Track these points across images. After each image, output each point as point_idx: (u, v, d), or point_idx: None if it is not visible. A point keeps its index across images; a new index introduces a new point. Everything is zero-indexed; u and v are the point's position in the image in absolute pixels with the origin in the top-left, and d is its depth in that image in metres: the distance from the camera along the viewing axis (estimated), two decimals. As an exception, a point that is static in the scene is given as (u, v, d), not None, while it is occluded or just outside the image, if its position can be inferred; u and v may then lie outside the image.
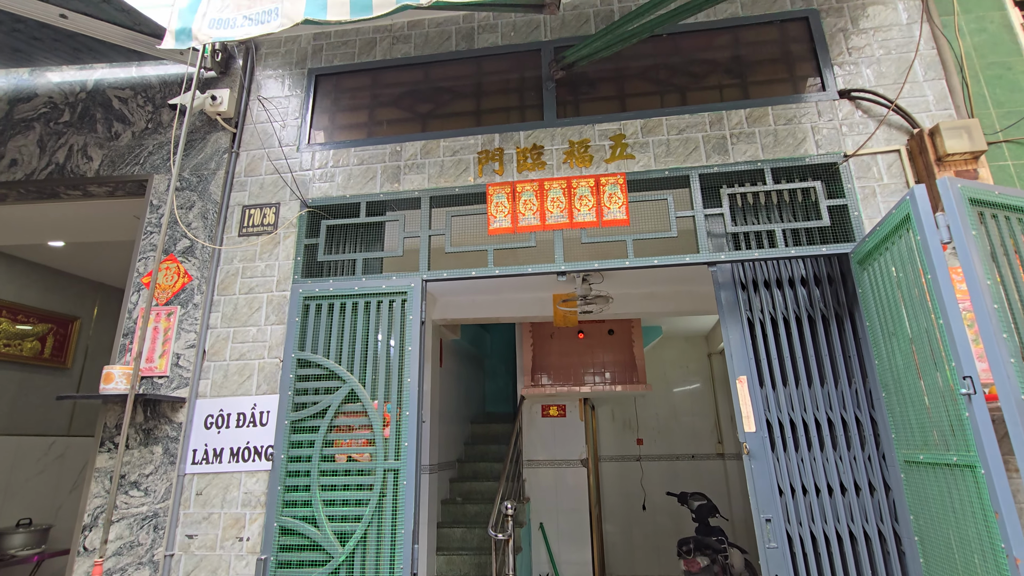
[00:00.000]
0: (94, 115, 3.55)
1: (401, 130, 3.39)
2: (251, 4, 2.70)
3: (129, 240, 4.28)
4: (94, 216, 3.98)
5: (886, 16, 3.07)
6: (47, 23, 2.89)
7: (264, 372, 2.94)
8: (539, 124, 3.20)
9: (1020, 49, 2.94)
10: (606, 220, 2.94)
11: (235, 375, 2.96)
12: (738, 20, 3.22)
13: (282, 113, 3.47)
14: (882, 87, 2.92)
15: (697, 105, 3.09)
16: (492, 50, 3.45)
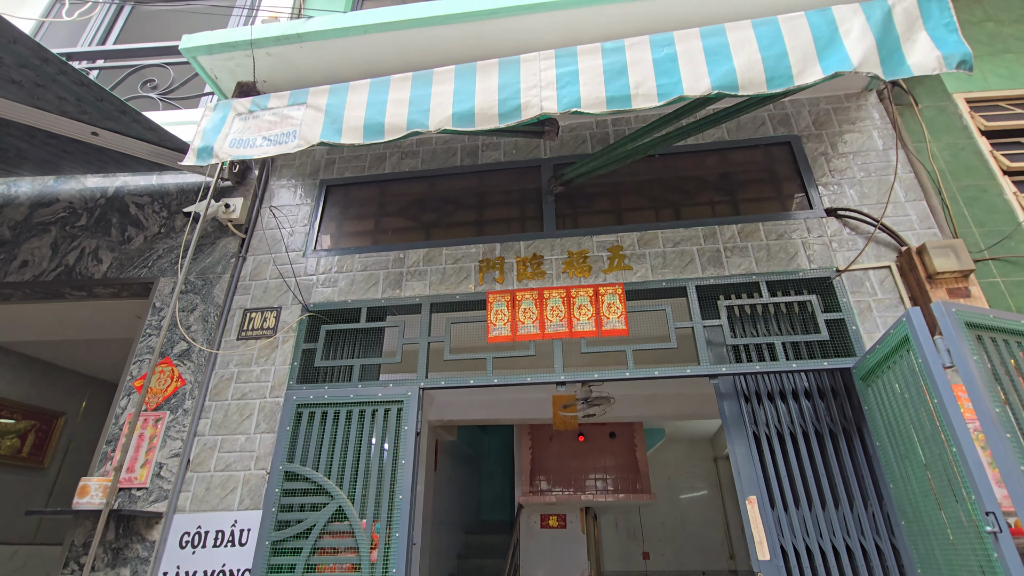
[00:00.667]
0: (110, 220, 3.68)
1: (405, 238, 3.51)
2: (271, 126, 2.90)
3: (127, 338, 4.27)
4: (95, 315, 4.00)
5: (863, 142, 3.29)
6: (78, 139, 3.09)
7: (249, 485, 2.79)
8: (539, 235, 3.31)
9: (992, 173, 3.12)
10: (605, 330, 2.95)
11: (218, 488, 2.81)
12: (725, 143, 3.45)
13: (291, 220, 3.60)
14: (866, 206, 3.06)
15: (691, 220, 3.22)
16: (495, 165, 3.66)
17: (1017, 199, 3.03)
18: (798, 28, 2.49)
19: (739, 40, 2.53)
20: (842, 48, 2.38)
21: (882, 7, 2.45)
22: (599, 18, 2.97)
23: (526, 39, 3.07)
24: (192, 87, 4.43)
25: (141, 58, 4.64)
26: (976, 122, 3.28)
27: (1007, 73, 3.46)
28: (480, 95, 2.68)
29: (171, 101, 4.37)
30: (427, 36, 3.07)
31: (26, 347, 4.92)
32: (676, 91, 2.45)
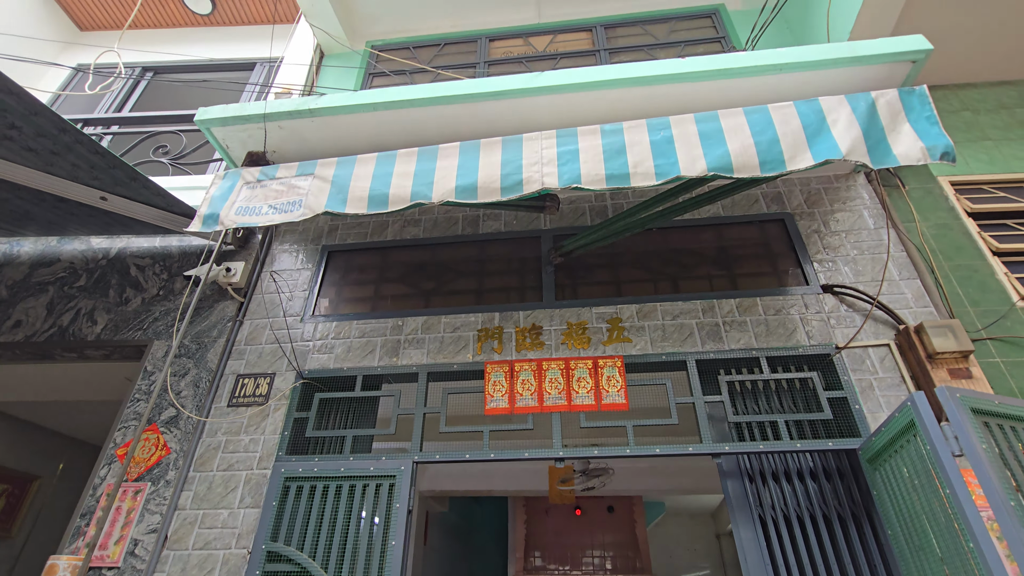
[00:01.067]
0: (109, 281, 3.68)
1: (404, 305, 3.51)
2: (277, 195, 2.96)
3: (113, 400, 4.17)
4: (82, 376, 3.92)
5: (854, 221, 3.37)
6: (87, 203, 3.14)
7: (228, 566, 2.63)
8: (538, 305, 3.32)
9: (982, 253, 3.19)
10: (605, 404, 2.90)
11: (195, 569, 2.64)
12: (721, 219, 3.54)
13: (291, 285, 3.61)
14: (862, 284, 3.10)
15: (689, 293, 3.24)
16: (495, 235, 3.72)
17: (1009, 279, 3.08)
18: (788, 116, 2.61)
19: (732, 126, 2.65)
20: (830, 136, 2.49)
21: (866, 99, 2.58)
22: (598, 102, 3.12)
23: (528, 118, 3.21)
24: (203, 153, 4.57)
25: (155, 125, 4.81)
26: (962, 204, 3.39)
27: (987, 159, 3.61)
28: (483, 169, 2.77)
29: (181, 166, 4.50)
30: (433, 114, 3.20)
31: (3, 404, 4.78)
32: (673, 171, 2.54)
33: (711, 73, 2.96)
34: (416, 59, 5.02)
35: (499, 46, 5.04)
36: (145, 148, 4.72)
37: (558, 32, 5.05)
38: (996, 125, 3.77)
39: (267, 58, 5.81)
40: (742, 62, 2.95)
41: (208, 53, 6.12)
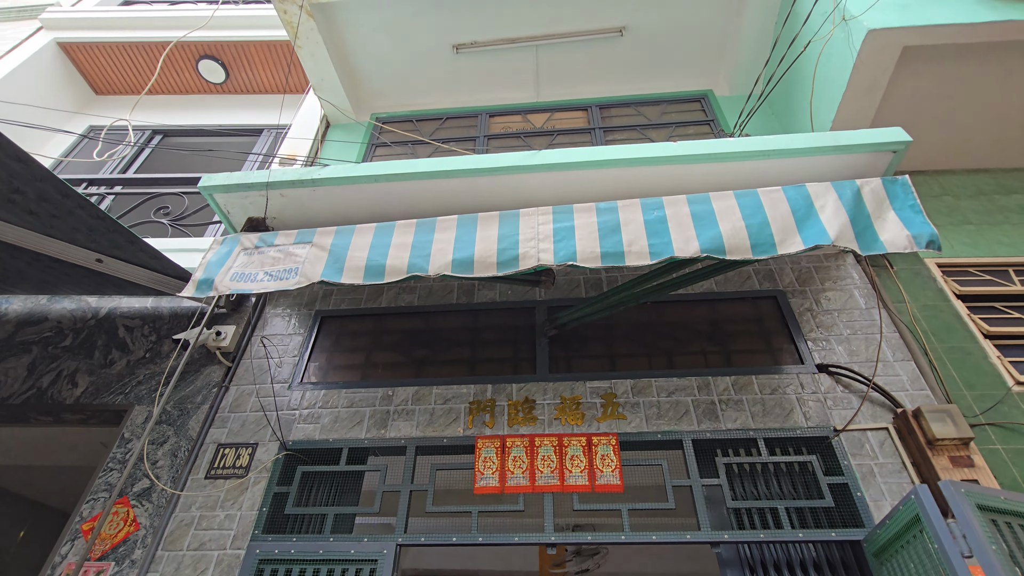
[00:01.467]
0: (96, 342, 3.61)
1: (396, 374, 3.44)
2: (274, 262, 2.97)
3: (85, 465, 3.99)
4: (56, 440, 3.76)
5: (845, 300, 3.41)
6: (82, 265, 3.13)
7: (189, 661, 2.42)
8: (532, 378, 3.27)
9: (973, 336, 3.21)
10: (599, 485, 2.79)
11: (153, 663, 2.43)
12: (714, 294, 3.57)
13: (281, 351, 3.56)
14: (856, 364, 3.09)
15: (684, 369, 3.21)
16: (490, 305, 3.72)
17: (1002, 363, 3.08)
18: (776, 201, 2.69)
19: (723, 208, 2.72)
20: (819, 222, 2.56)
21: (852, 187, 2.68)
22: (593, 180, 3.21)
23: (525, 193, 3.29)
24: (203, 215, 4.63)
25: (158, 187, 4.90)
26: (950, 286, 3.45)
27: (970, 242, 3.71)
28: (480, 244, 2.80)
29: (181, 227, 4.54)
30: (432, 187, 3.28)
31: (-27, 469, 4.56)
32: (667, 251, 2.58)
33: (702, 157, 3.08)
34: (419, 131, 5.22)
35: (499, 121, 5.26)
36: (148, 207, 4.78)
37: (555, 110, 5.29)
38: (976, 210, 3.91)
39: (275, 125, 6.02)
40: (731, 147, 3.07)
41: (218, 119, 6.35)
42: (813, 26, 3.75)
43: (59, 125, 6.27)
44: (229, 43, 6.28)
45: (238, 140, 6.12)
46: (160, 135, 6.22)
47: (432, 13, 4.78)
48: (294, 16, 4.55)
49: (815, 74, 3.84)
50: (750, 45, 4.69)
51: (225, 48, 6.34)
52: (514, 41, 4.96)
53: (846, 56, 3.53)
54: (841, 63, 3.60)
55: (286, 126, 5.71)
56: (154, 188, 4.91)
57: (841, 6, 3.51)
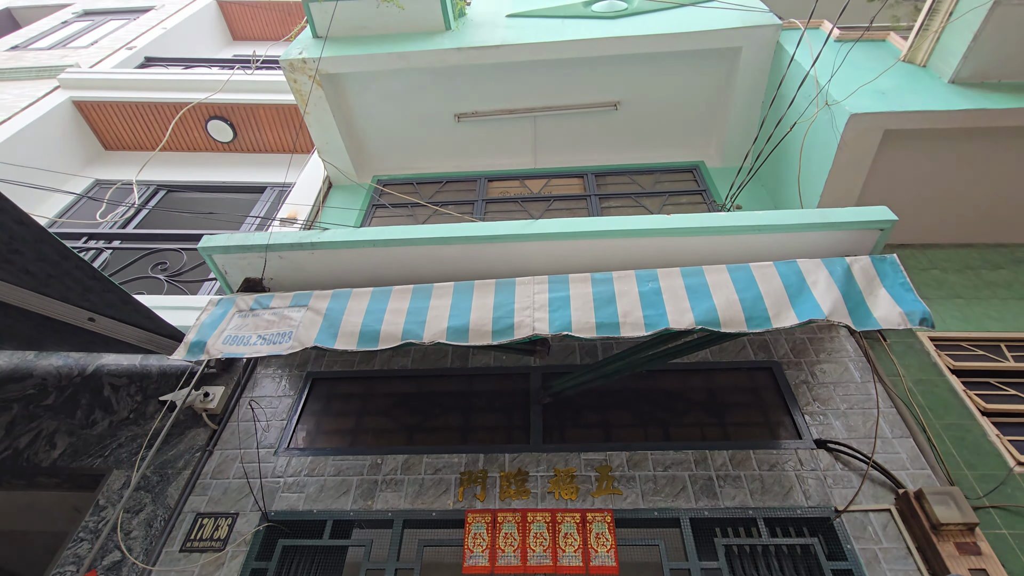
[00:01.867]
0: (79, 400, 3.53)
1: (385, 441, 3.36)
2: (268, 325, 2.96)
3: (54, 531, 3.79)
4: (26, 505, 3.60)
5: (840, 373, 3.40)
6: (73, 323, 3.10)
7: None
8: (525, 447, 3.19)
9: (971, 413, 3.18)
10: (593, 566, 2.67)
11: None
12: (709, 364, 3.55)
13: (269, 413, 3.47)
14: (855, 440, 3.04)
15: (681, 442, 3.15)
16: (484, 370, 3.68)
17: (1002, 442, 3.04)
18: (769, 276, 2.73)
19: (717, 281, 2.76)
20: (812, 297, 2.59)
21: (842, 264, 2.73)
22: (588, 249, 3.27)
23: (522, 261, 3.33)
24: (201, 271, 4.65)
25: (157, 242, 4.94)
26: (944, 360, 3.46)
27: (960, 316, 3.75)
28: (476, 312, 2.81)
29: (177, 284, 4.54)
30: (430, 253, 3.32)
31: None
32: (662, 323, 2.59)
33: (695, 230, 3.15)
34: (419, 194, 5.34)
35: (497, 186, 5.40)
36: (146, 263, 4.80)
37: (552, 176, 5.45)
38: (965, 284, 3.97)
39: (278, 183, 6.16)
40: (724, 222, 3.15)
41: (223, 176, 6.49)
42: (798, 108, 3.94)
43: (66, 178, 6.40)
44: (239, 105, 6.52)
45: (241, 198, 6.24)
46: (164, 190, 6.34)
47: (436, 85, 5.01)
48: (304, 85, 4.75)
49: (801, 152, 4.00)
50: (739, 122, 4.92)
51: (235, 110, 6.58)
52: (513, 112, 5.18)
53: (830, 137, 3.69)
54: (826, 144, 3.76)
55: (289, 185, 5.84)
56: (153, 244, 4.95)
57: (824, 92, 3.71)
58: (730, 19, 4.57)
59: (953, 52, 3.69)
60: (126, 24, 8.96)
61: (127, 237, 5.12)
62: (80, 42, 8.45)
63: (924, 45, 3.91)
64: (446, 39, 4.78)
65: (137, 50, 7.98)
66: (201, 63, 7.88)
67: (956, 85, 3.71)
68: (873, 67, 3.94)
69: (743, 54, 4.57)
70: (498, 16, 5.20)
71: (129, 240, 5.08)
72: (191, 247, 4.76)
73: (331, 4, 4.67)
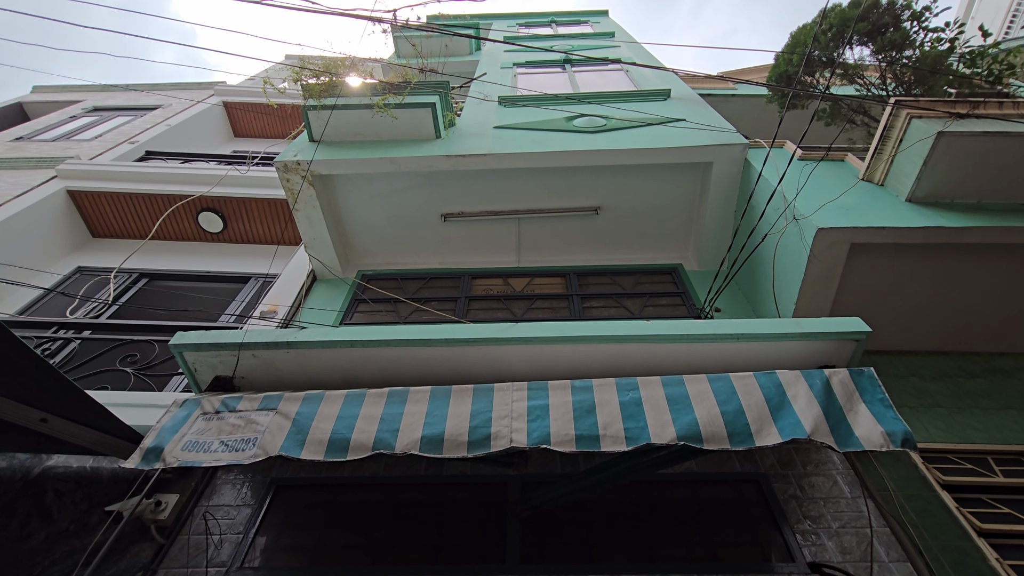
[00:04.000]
0: (16, 508, 3.23)
1: (350, 558, 3.08)
2: (232, 430, 2.82)
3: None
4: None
5: (830, 488, 3.28)
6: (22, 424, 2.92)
7: None
8: (501, 568, 2.95)
9: (967, 534, 3.04)
10: None
11: None
12: (695, 475, 3.41)
13: (225, 525, 3.21)
14: (850, 564, 2.87)
15: (668, 564, 2.94)
16: (460, 478, 3.49)
17: (1002, 566, 2.89)
18: (749, 388, 2.71)
19: (697, 392, 2.73)
20: (793, 413, 2.55)
21: (821, 377, 2.73)
22: (569, 354, 3.24)
23: (501, 364, 3.29)
24: (170, 365, 4.50)
25: (130, 333, 4.83)
26: (932, 474, 3.37)
27: (944, 426, 3.71)
28: (452, 420, 2.71)
29: (145, 377, 4.38)
30: (408, 354, 3.27)
31: None
32: (643, 437, 2.51)
33: (675, 337, 3.16)
34: (402, 289, 5.37)
35: (481, 283, 5.47)
36: (115, 354, 4.65)
37: (535, 275, 5.55)
38: (944, 393, 3.98)
39: (262, 273, 6.17)
40: (703, 329, 3.17)
41: (209, 265, 6.51)
42: (769, 219, 4.14)
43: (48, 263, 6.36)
44: (232, 199, 6.69)
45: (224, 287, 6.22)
46: (146, 278, 6.31)
47: (424, 187, 5.22)
48: (296, 184, 4.91)
49: (774, 261, 4.15)
50: (713, 229, 5.14)
51: (227, 202, 6.75)
52: (498, 214, 5.37)
53: (800, 249, 3.85)
54: (797, 254, 3.91)
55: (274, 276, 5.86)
56: (125, 335, 4.82)
57: (792, 207, 3.93)
58: (701, 137, 4.92)
59: (907, 174, 3.96)
60: (131, 120, 9.40)
61: (98, 327, 5.00)
62: (84, 135, 8.79)
63: (880, 167, 4.21)
64: (436, 147, 5.05)
65: (139, 144, 8.30)
66: (199, 157, 8.19)
67: (913, 204, 3.95)
68: (835, 184, 4.21)
69: (714, 168, 4.87)
70: (486, 127, 5.55)
71: (100, 330, 4.95)
72: (164, 339, 4.65)
73: (327, 112, 4.96)
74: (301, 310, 4.97)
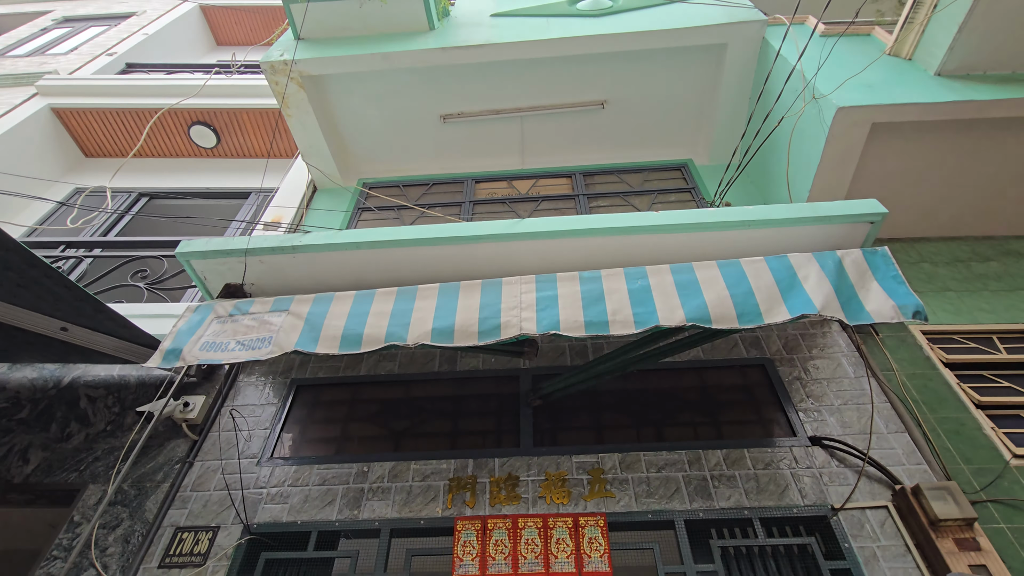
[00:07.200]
0: (54, 413, 3.41)
1: (372, 448, 3.27)
2: (247, 331, 2.87)
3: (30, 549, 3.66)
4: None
5: (834, 369, 3.36)
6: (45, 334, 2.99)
7: None
8: (515, 451, 3.11)
9: (965, 406, 3.14)
10: (587, 572, 2.59)
11: None
12: (701, 362, 3.50)
13: (252, 422, 3.38)
14: (850, 436, 2.99)
15: (674, 442, 3.08)
16: (473, 373, 3.60)
17: (997, 434, 3.01)
18: (760, 271, 2.68)
19: (707, 278, 2.71)
20: (803, 292, 2.54)
21: (833, 258, 2.69)
22: (577, 248, 3.20)
23: (509, 261, 3.26)
24: (182, 279, 4.54)
25: (138, 249, 4.83)
26: (937, 354, 3.42)
27: (952, 309, 3.72)
28: (461, 312, 2.74)
29: (158, 292, 4.43)
30: (415, 255, 3.25)
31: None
32: (652, 320, 2.53)
33: (684, 226, 3.10)
34: (405, 197, 5.27)
35: (484, 187, 5.34)
36: (126, 271, 4.69)
37: (540, 177, 5.40)
38: (955, 277, 3.95)
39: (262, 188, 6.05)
40: (713, 217, 3.10)
41: (207, 182, 6.38)
42: (785, 103, 3.91)
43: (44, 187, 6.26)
44: (222, 110, 6.42)
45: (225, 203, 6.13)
46: (146, 197, 6.22)
47: (420, 86, 4.95)
48: (284, 86, 4.67)
49: (790, 147, 3.97)
50: (726, 119, 4.89)
51: (218, 115, 6.47)
52: (499, 112, 5.13)
53: (818, 132, 3.66)
54: (814, 138, 3.73)
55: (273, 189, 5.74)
56: (133, 251, 4.83)
57: (811, 86, 3.69)
58: (715, 15, 4.54)
59: (938, 44, 3.67)
60: (106, 31, 8.83)
61: (107, 245, 5.00)
62: (59, 49, 8.32)
63: (909, 38, 3.90)
64: (430, 39, 4.72)
65: (118, 56, 7.85)
66: (183, 68, 7.77)
67: (942, 77, 3.69)
68: (859, 61, 3.92)
69: (729, 50, 4.54)
70: (482, 15, 5.15)
71: (109, 248, 4.96)
72: (171, 255, 4.65)
73: (311, 4, 4.60)
74: (304, 221, 4.91)
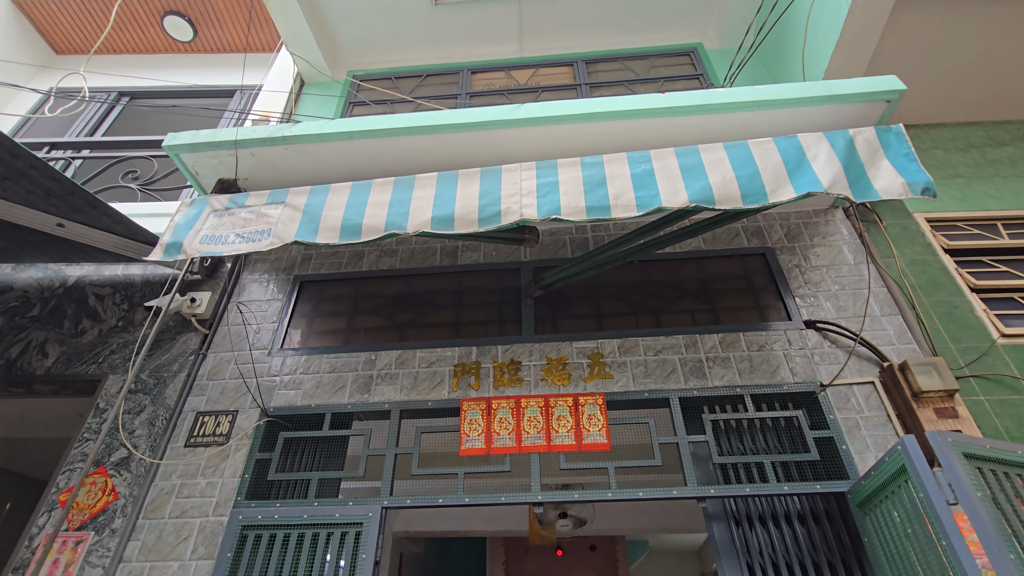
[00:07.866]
0: (65, 311, 3.48)
1: (378, 338, 3.37)
2: (245, 224, 2.84)
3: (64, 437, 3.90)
4: (31, 411, 3.67)
5: (834, 256, 3.37)
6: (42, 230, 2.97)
7: (175, 626, 2.40)
8: (517, 339, 3.21)
9: (960, 290, 3.19)
10: (586, 444, 2.77)
11: (137, 629, 2.41)
12: (702, 252, 3.50)
13: (259, 317, 3.45)
14: (844, 319, 3.06)
15: (671, 328, 3.17)
16: (474, 266, 3.63)
17: (988, 316, 3.07)
18: (767, 151, 2.60)
19: (712, 160, 2.63)
20: (811, 170, 2.48)
21: (844, 136, 2.59)
22: (578, 135, 3.09)
23: (508, 150, 3.16)
24: (175, 179, 4.44)
25: (126, 150, 4.68)
26: (938, 240, 3.41)
27: (960, 196, 3.66)
28: (461, 200, 2.69)
29: (151, 192, 4.36)
30: (411, 144, 3.14)
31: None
32: (654, 203, 2.49)
33: (691, 108, 2.96)
34: (398, 89, 5.01)
35: (481, 78, 5.06)
36: (115, 172, 4.57)
37: (540, 66, 5.10)
38: (967, 163, 3.85)
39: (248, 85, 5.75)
40: (722, 98, 2.96)
41: (188, 79, 6.04)
42: (807, -30, 3.59)
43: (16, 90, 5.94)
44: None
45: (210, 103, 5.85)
46: (127, 97, 5.93)
47: (408, -39, 4.52)
48: (260, -36, 4.27)
49: (808, 20, 3.70)
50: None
51: (191, 3, 5.99)
52: (495, -9, 4.73)
53: (838, 4, 3.38)
54: (835, 11, 3.46)
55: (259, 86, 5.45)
56: (122, 151, 4.68)
57: (836, -53, 3.35)
58: None
59: None
60: (57, -94, 7.93)
61: (94, 145, 4.85)
62: (8, -71, 7.51)
63: None
64: (416, -97, 4.24)
65: (74, -64, 7.11)
66: (148, -50, 7.07)
67: (982, -64, 3.35)
68: (893, -81, 3.53)
69: (749, -89, 4.09)
70: None
71: (97, 149, 4.80)
72: (161, 154, 4.51)
73: None
74: (293, 117, 4.71)
